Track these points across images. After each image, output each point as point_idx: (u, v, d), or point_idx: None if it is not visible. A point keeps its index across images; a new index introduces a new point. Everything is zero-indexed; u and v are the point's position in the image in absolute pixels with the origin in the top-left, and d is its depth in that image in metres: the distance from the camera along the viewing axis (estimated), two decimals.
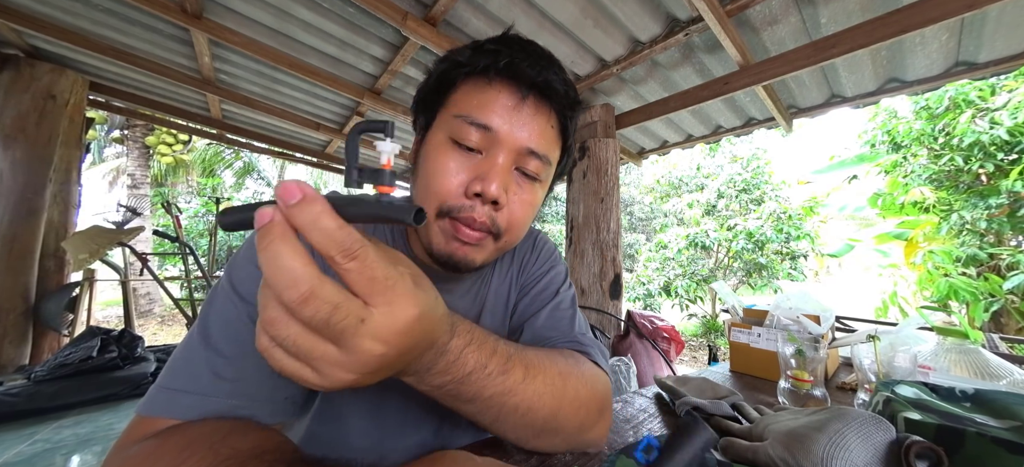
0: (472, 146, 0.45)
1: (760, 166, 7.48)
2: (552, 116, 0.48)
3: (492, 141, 0.45)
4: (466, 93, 0.46)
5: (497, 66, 0.44)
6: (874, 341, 0.72)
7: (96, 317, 3.78)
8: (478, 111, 0.44)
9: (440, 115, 0.48)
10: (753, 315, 1.00)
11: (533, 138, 0.46)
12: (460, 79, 0.47)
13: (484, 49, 0.46)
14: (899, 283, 4.44)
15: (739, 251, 6.53)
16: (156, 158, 8.66)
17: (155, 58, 2.32)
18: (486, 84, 0.46)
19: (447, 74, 0.48)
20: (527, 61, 0.45)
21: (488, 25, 1.86)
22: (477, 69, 0.46)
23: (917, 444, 0.36)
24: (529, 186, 0.48)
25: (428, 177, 0.46)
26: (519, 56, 0.45)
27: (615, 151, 2.48)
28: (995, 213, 3.68)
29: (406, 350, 0.30)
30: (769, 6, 1.68)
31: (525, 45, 0.47)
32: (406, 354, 0.30)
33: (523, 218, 0.49)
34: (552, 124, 0.48)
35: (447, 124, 0.46)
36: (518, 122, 0.45)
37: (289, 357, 0.27)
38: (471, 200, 0.45)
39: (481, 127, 0.44)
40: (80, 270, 2.70)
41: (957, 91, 3.82)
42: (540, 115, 0.46)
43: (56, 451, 1.80)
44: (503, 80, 0.45)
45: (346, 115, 3.05)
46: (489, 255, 0.49)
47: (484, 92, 0.45)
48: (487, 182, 0.43)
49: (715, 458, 0.46)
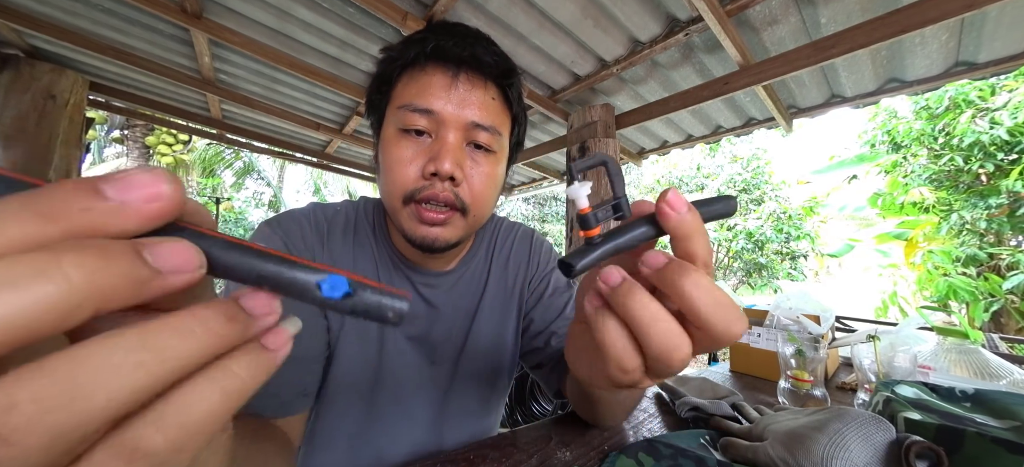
0: (421, 129, 0.47)
1: (760, 166, 7.49)
2: (489, 87, 0.50)
3: (437, 122, 0.47)
4: (405, 84, 0.49)
5: (426, 52, 0.47)
6: (874, 341, 0.72)
7: None
8: (418, 97, 0.47)
9: (387, 111, 0.51)
10: (753, 315, 1.00)
11: (475, 111, 0.48)
12: (397, 73, 0.50)
13: (413, 40, 0.49)
14: (899, 283, 4.45)
15: (739, 251, 6.53)
16: (156, 158, 8.65)
17: (155, 58, 2.32)
18: (420, 71, 0.48)
19: (385, 71, 0.51)
20: (452, 40, 0.48)
21: (488, 25, 1.86)
22: (409, 59, 0.48)
23: (917, 444, 0.36)
24: (484, 158, 0.51)
25: (388, 170, 0.49)
26: (444, 38, 0.48)
27: (615, 151, 2.47)
28: (995, 213, 3.68)
29: None
30: (769, 6, 1.68)
31: (450, 28, 0.51)
32: None
33: (484, 190, 0.51)
34: (492, 95, 0.50)
35: (394, 116, 0.49)
36: (456, 99, 0.47)
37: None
38: (429, 180, 0.47)
39: (423, 112, 0.47)
40: None
41: (957, 91, 3.82)
42: (476, 88, 0.49)
43: None
44: (434, 63, 0.48)
45: (346, 115, 3.05)
46: (461, 232, 0.51)
47: (419, 79, 0.48)
48: (440, 160, 0.46)
49: (715, 458, 0.46)
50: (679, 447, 0.47)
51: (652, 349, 0.22)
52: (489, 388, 0.66)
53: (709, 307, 0.21)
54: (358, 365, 0.55)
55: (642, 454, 0.46)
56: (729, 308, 0.21)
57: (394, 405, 0.58)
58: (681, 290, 0.21)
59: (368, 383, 0.56)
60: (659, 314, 0.22)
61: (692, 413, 0.62)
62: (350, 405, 0.56)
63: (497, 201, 0.56)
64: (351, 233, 0.58)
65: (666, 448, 0.47)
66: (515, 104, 0.54)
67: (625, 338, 0.24)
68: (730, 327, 0.21)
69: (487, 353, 0.64)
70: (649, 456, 0.46)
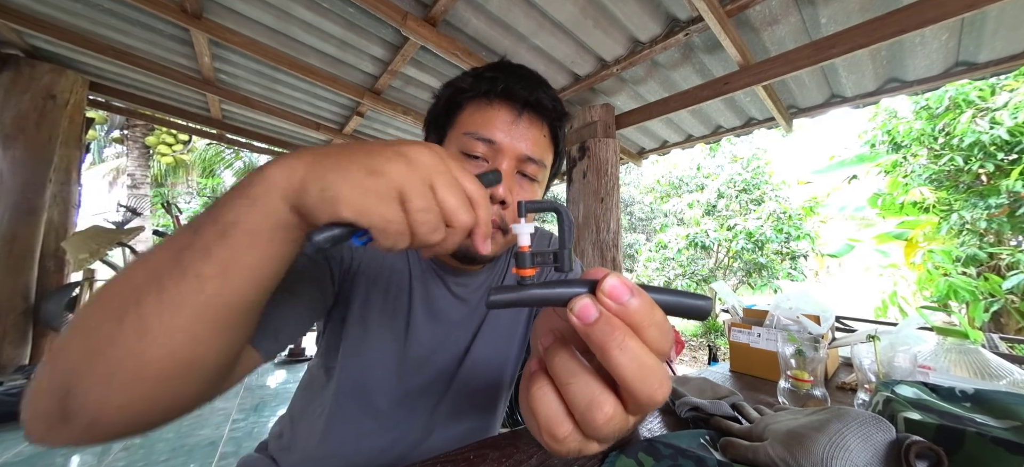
0: (479, 156, 0.54)
1: (760, 166, 7.49)
2: (544, 127, 0.57)
3: (496, 151, 0.54)
4: (471, 113, 0.55)
5: (496, 90, 0.54)
6: (874, 341, 0.72)
7: None
8: (483, 128, 0.53)
9: (450, 134, 0.57)
10: (753, 315, 1.00)
11: (529, 146, 0.55)
12: (465, 102, 0.56)
13: (484, 76, 0.55)
14: (899, 283, 4.45)
15: (739, 251, 6.53)
16: (156, 158, 8.65)
17: (155, 58, 2.32)
18: (487, 105, 0.55)
19: (453, 99, 0.57)
20: (520, 84, 0.54)
21: (488, 25, 1.86)
22: (479, 93, 0.55)
23: (917, 444, 0.36)
24: (529, 186, 0.57)
25: None
26: (513, 80, 0.54)
27: (615, 151, 2.47)
28: (995, 213, 3.68)
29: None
30: (769, 6, 1.68)
31: (517, 70, 0.57)
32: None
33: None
34: (544, 134, 0.57)
35: (457, 140, 0.55)
36: (516, 134, 0.54)
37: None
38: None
39: (486, 141, 0.53)
40: (80, 270, 2.70)
41: (957, 91, 3.81)
42: (534, 127, 0.56)
43: (56, 451, 1.80)
44: (502, 101, 0.55)
45: (346, 115, 3.05)
46: (499, 248, 0.57)
47: (486, 112, 0.54)
48: (497, 186, 0.51)
49: (715, 458, 0.46)
50: (679, 447, 0.47)
51: (574, 407, 0.22)
52: (494, 384, 0.68)
53: (633, 373, 0.20)
54: (389, 351, 0.60)
55: (642, 454, 0.46)
56: (653, 373, 0.21)
57: (399, 402, 0.61)
58: (607, 354, 0.20)
59: (391, 374, 0.61)
60: (576, 370, 0.22)
61: (692, 413, 0.62)
62: (367, 394, 0.60)
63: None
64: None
65: (666, 448, 0.47)
66: (561, 142, 0.62)
67: (557, 401, 0.23)
68: (653, 395, 0.21)
69: (495, 345, 0.67)
70: (649, 456, 0.46)
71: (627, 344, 0.21)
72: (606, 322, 0.21)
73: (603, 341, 0.21)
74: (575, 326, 0.21)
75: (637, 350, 0.21)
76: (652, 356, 0.21)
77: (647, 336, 0.21)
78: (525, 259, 0.26)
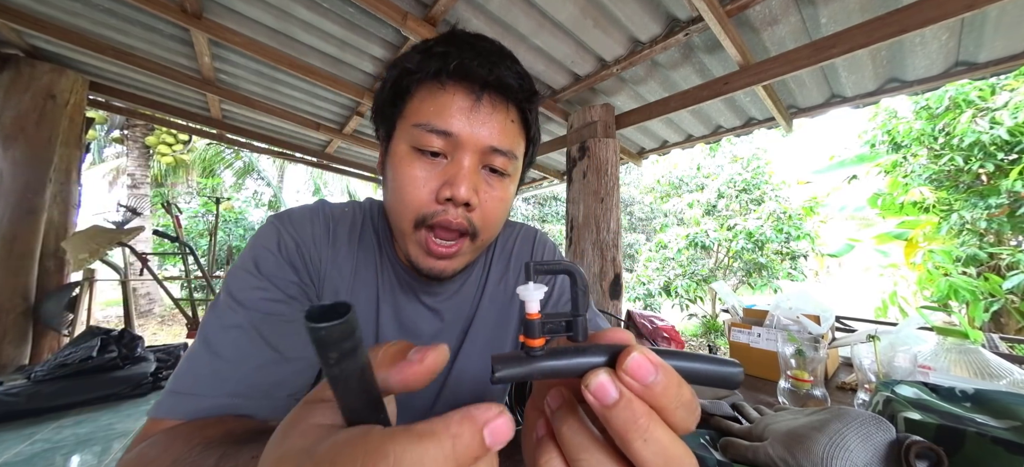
0: (436, 151, 0.45)
1: (760, 166, 7.47)
2: (511, 110, 0.47)
3: (455, 144, 0.45)
4: (422, 100, 0.46)
5: (448, 69, 0.44)
6: (874, 341, 0.72)
7: (96, 317, 3.78)
8: (436, 117, 0.44)
9: (399, 125, 0.48)
10: (753, 315, 1.00)
11: (495, 135, 0.45)
12: (414, 86, 0.46)
13: (433, 52, 0.45)
14: (899, 283, 4.44)
15: (739, 251, 6.52)
16: (156, 158, 8.64)
17: (155, 58, 2.32)
18: (440, 88, 0.45)
19: (400, 82, 0.47)
20: (477, 59, 0.44)
21: (488, 25, 1.85)
22: (429, 74, 0.45)
23: (917, 444, 0.36)
24: (499, 182, 0.49)
25: (398, 190, 0.47)
26: (468, 55, 0.44)
27: (615, 151, 2.47)
28: (995, 213, 3.68)
29: None
30: (769, 6, 1.68)
31: (473, 42, 0.46)
32: None
33: (496, 214, 0.50)
34: (512, 118, 0.48)
35: (408, 133, 0.46)
36: (477, 121, 0.45)
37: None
38: (443, 205, 0.46)
39: (442, 133, 0.44)
40: (80, 270, 2.70)
41: (957, 91, 3.81)
42: (498, 111, 0.46)
43: (56, 451, 1.80)
44: (456, 82, 0.45)
45: (346, 115, 3.05)
46: (468, 257, 0.51)
47: (439, 97, 0.45)
48: (456, 186, 0.44)
49: (715, 458, 0.46)
50: None
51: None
52: (483, 390, 0.65)
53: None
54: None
55: None
56: (680, 465, 0.18)
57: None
58: (628, 443, 0.18)
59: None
60: (587, 445, 0.20)
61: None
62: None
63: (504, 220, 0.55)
64: (356, 237, 0.57)
65: None
66: (533, 126, 0.52)
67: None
68: None
69: (482, 356, 0.63)
70: None
71: (652, 434, 0.18)
72: (627, 407, 0.18)
73: (625, 430, 0.18)
74: (590, 404, 0.19)
75: (664, 440, 0.18)
76: (679, 444, 0.19)
77: (674, 419, 0.19)
78: (534, 328, 0.22)
